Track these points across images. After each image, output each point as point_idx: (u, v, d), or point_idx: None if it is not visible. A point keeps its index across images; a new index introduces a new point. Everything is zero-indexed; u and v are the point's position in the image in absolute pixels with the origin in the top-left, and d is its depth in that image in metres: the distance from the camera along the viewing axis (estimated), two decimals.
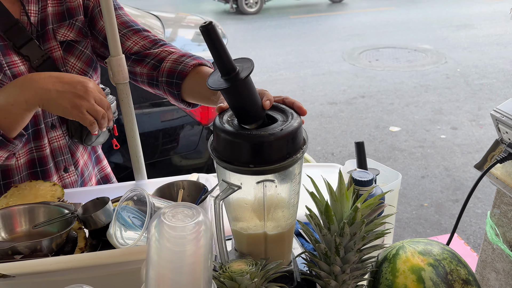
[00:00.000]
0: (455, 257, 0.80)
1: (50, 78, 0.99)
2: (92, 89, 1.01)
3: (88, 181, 1.32)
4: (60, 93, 0.98)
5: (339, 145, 4.18)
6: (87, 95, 0.99)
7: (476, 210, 3.14)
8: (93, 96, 1.00)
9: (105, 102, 1.04)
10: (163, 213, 0.58)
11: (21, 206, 0.96)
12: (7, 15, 1.06)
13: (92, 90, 1.01)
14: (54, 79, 0.99)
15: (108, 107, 1.05)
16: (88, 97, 1.00)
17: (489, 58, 6.40)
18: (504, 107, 0.98)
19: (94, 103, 1.01)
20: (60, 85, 0.99)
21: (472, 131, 4.31)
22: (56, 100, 0.98)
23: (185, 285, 0.59)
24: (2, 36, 1.07)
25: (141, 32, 1.24)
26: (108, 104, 1.05)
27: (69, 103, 0.98)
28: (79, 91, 0.99)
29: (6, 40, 1.07)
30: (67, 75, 1.02)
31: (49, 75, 1.00)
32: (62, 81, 0.99)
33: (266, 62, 6.69)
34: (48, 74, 1.01)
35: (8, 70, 1.07)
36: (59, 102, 0.98)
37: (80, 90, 0.99)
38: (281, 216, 0.81)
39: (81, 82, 1.00)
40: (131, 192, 0.87)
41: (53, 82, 0.99)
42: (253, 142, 0.71)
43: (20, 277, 0.78)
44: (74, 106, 0.99)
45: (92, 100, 1.00)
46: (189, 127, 2.60)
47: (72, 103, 0.99)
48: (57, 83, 0.99)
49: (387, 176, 1.14)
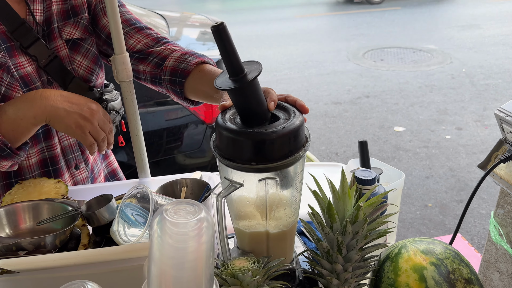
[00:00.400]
0: (457, 256, 0.80)
1: (60, 97, 1.03)
2: (97, 112, 1.06)
3: (97, 177, 1.34)
4: (67, 112, 1.02)
5: (343, 145, 4.17)
6: (92, 117, 1.05)
7: (481, 210, 3.12)
8: (97, 119, 1.06)
9: (107, 126, 1.09)
10: (165, 210, 0.58)
11: (26, 203, 0.97)
12: (13, 15, 1.07)
13: (97, 114, 1.06)
14: (63, 98, 1.04)
15: (110, 131, 1.10)
16: (92, 120, 1.05)
17: (494, 58, 6.36)
18: (508, 107, 0.97)
19: (97, 125, 1.06)
20: (68, 104, 1.03)
21: (477, 131, 4.29)
22: (63, 119, 1.03)
23: (187, 282, 0.60)
24: (9, 37, 1.08)
25: (143, 30, 1.25)
26: (110, 129, 1.10)
27: (74, 122, 1.03)
28: (85, 112, 1.04)
29: (14, 40, 1.08)
30: (75, 95, 1.07)
31: (59, 94, 1.04)
32: (71, 101, 1.04)
33: (271, 61, 6.69)
34: (59, 92, 1.05)
35: (15, 72, 1.07)
36: (65, 121, 1.03)
37: (86, 112, 1.04)
38: (283, 214, 0.82)
39: (88, 104, 1.06)
40: (135, 189, 0.88)
41: (62, 101, 1.03)
42: (255, 139, 0.72)
43: (24, 272, 0.79)
44: (78, 126, 1.04)
45: (96, 123, 1.06)
46: (193, 126, 2.60)
47: (76, 123, 1.03)
48: (66, 102, 1.03)
49: (390, 176, 1.14)
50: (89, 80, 1.20)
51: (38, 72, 1.12)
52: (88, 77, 1.20)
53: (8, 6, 1.07)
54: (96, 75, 1.22)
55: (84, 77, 1.19)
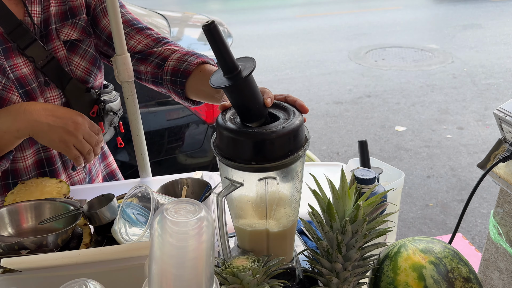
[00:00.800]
0: (456, 255, 0.80)
1: (44, 111, 1.04)
2: (83, 125, 1.07)
3: (95, 178, 1.34)
4: (51, 127, 1.03)
5: (344, 145, 4.18)
6: (76, 131, 1.05)
7: (482, 210, 3.12)
8: (82, 133, 1.06)
9: (93, 138, 1.09)
10: (166, 209, 0.59)
11: (28, 203, 0.98)
12: (10, 16, 1.07)
13: (82, 127, 1.06)
14: (48, 112, 1.04)
15: (97, 143, 1.11)
16: (76, 133, 1.05)
17: (496, 58, 6.35)
18: (507, 106, 0.98)
19: (82, 139, 1.07)
20: (52, 118, 1.04)
21: (478, 131, 4.28)
22: (46, 133, 1.03)
23: (187, 280, 0.60)
24: (6, 38, 1.08)
25: (144, 31, 1.25)
26: (96, 141, 1.10)
27: (57, 137, 1.04)
28: (69, 126, 1.04)
29: (10, 42, 1.08)
30: (61, 109, 1.07)
31: (43, 108, 1.05)
32: (55, 115, 1.04)
33: (272, 61, 6.70)
34: (43, 106, 1.05)
35: (11, 74, 1.08)
36: (49, 135, 1.04)
37: (70, 126, 1.05)
38: (283, 214, 0.82)
39: (73, 118, 1.06)
40: (136, 189, 0.88)
41: (46, 115, 1.03)
42: (255, 139, 0.72)
43: (26, 271, 0.79)
44: (62, 141, 1.05)
45: (81, 136, 1.06)
46: (195, 126, 2.61)
47: (60, 138, 1.04)
48: (50, 117, 1.04)
49: (390, 175, 1.14)
50: (86, 81, 1.21)
51: (35, 73, 1.12)
52: (86, 78, 1.20)
53: (5, 7, 1.07)
54: (94, 76, 1.22)
55: (82, 78, 1.19)
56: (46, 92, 1.14)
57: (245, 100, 0.74)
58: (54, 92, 1.15)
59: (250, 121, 0.76)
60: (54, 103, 1.16)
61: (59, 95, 1.16)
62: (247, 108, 0.75)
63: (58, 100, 1.16)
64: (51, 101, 1.16)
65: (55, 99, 1.16)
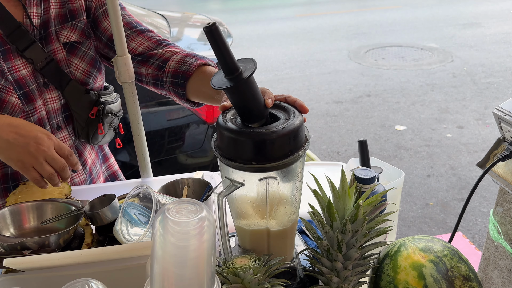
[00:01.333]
0: (456, 254, 0.81)
1: (8, 127, 0.98)
2: (47, 147, 0.98)
3: (96, 180, 1.34)
4: (10, 145, 0.97)
5: (344, 144, 4.18)
6: (37, 153, 0.97)
7: (482, 209, 3.13)
8: (44, 155, 0.98)
9: (58, 163, 0.99)
10: (168, 209, 0.59)
11: (30, 203, 0.99)
12: (9, 18, 1.07)
13: (46, 149, 0.98)
14: (11, 128, 0.98)
15: (62, 168, 1.00)
16: (37, 155, 0.97)
17: (496, 57, 6.35)
18: (506, 106, 0.98)
19: (42, 161, 0.98)
20: (13, 136, 0.97)
21: (478, 130, 4.29)
22: (5, 150, 0.98)
23: (189, 279, 0.61)
24: (5, 40, 1.08)
25: (145, 33, 1.25)
26: (61, 166, 1.00)
27: (16, 156, 0.97)
28: (30, 147, 0.97)
29: (9, 43, 1.08)
30: (28, 126, 1.00)
31: (8, 123, 0.99)
32: (18, 133, 0.98)
33: (272, 61, 6.70)
34: (8, 121, 1.00)
35: (10, 75, 1.08)
36: (7, 153, 0.98)
37: (32, 146, 0.97)
38: (283, 213, 0.83)
39: (37, 138, 0.98)
40: (137, 189, 0.89)
41: (8, 132, 0.97)
42: (256, 140, 0.73)
43: (29, 271, 0.80)
44: (19, 160, 0.97)
45: (41, 159, 0.97)
46: (195, 126, 2.61)
47: (18, 157, 0.97)
48: (12, 133, 0.97)
49: (390, 174, 1.15)
50: (86, 83, 1.21)
51: (34, 75, 1.12)
52: (85, 80, 1.21)
53: (3, 9, 1.07)
54: (93, 78, 1.23)
55: (81, 80, 1.20)
56: (45, 94, 1.15)
57: (246, 101, 0.75)
58: (53, 94, 1.16)
59: (251, 122, 0.77)
60: (54, 105, 1.16)
61: (58, 97, 1.17)
62: (248, 109, 0.75)
63: (57, 101, 1.17)
64: (50, 103, 1.16)
65: (54, 100, 1.16)
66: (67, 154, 1.02)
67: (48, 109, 1.16)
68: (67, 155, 1.02)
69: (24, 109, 1.11)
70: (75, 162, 1.04)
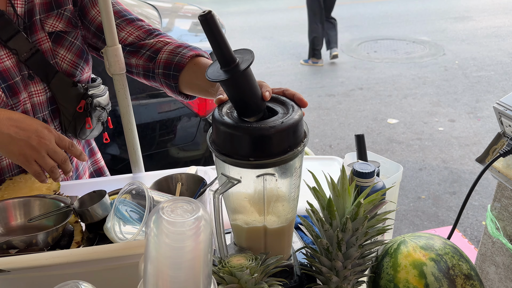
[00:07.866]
0: (457, 252, 0.79)
1: (7, 121, 0.97)
2: (48, 141, 0.97)
3: (82, 175, 1.30)
4: (12, 139, 0.96)
5: (337, 137, 4.17)
6: (39, 146, 0.97)
7: (474, 202, 3.14)
8: (46, 149, 0.97)
9: (59, 155, 0.99)
10: (162, 208, 0.56)
11: (16, 199, 0.95)
12: None
13: (47, 142, 0.97)
14: (11, 122, 0.97)
15: (63, 161, 1.00)
16: (39, 149, 0.97)
17: (487, 51, 6.38)
18: (507, 100, 0.97)
19: (45, 155, 0.97)
20: (15, 130, 0.96)
21: (469, 123, 4.30)
22: (7, 145, 0.96)
23: (184, 281, 0.58)
24: None
25: (135, 22, 1.21)
26: (63, 158, 1.00)
27: (18, 150, 0.96)
28: (32, 140, 0.96)
29: None
30: (27, 120, 0.99)
31: (8, 117, 0.97)
32: (19, 126, 0.97)
33: (264, 53, 6.65)
34: (8, 115, 0.98)
35: None
36: (9, 147, 0.96)
37: (34, 140, 0.96)
38: (281, 210, 0.80)
39: (38, 131, 0.97)
40: (130, 185, 0.86)
41: (9, 126, 0.96)
42: (253, 135, 0.70)
43: (15, 271, 0.77)
44: (22, 154, 0.97)
45: (44, 152, 0.97)
46: (187, 119, 2.57)
47: (20, 151, 0.96)
48: (13, 127, 0.96)
49: (387, 168, 1.13)
50: (73, 75, 1.16)
51: (19, 66, 1.07)
52: (72, 72, 1.16)
53: None
54: (81, 69, 1.18)
55: (68, 71, 1.15)
56: (30, 86, 1.10)
57: (242, 94, 0.71)
58: (38, 86, 1.11)
59: (248, 116, 0.74)
60: (39, 98, 1.12)
61: (44, 89, 1.12)
62: (245, 102, 0.72)
63: (43, 94, 1.12)
64: (35, 96, 1.11)
65: (39, 93, 1.12)
66: (68, 145, 1.02)
67: (33, 103, 1.11)
68: (68, 146, 1.02)
69: (8, 103, 1.06)
70: (79, 153, 1.04)
